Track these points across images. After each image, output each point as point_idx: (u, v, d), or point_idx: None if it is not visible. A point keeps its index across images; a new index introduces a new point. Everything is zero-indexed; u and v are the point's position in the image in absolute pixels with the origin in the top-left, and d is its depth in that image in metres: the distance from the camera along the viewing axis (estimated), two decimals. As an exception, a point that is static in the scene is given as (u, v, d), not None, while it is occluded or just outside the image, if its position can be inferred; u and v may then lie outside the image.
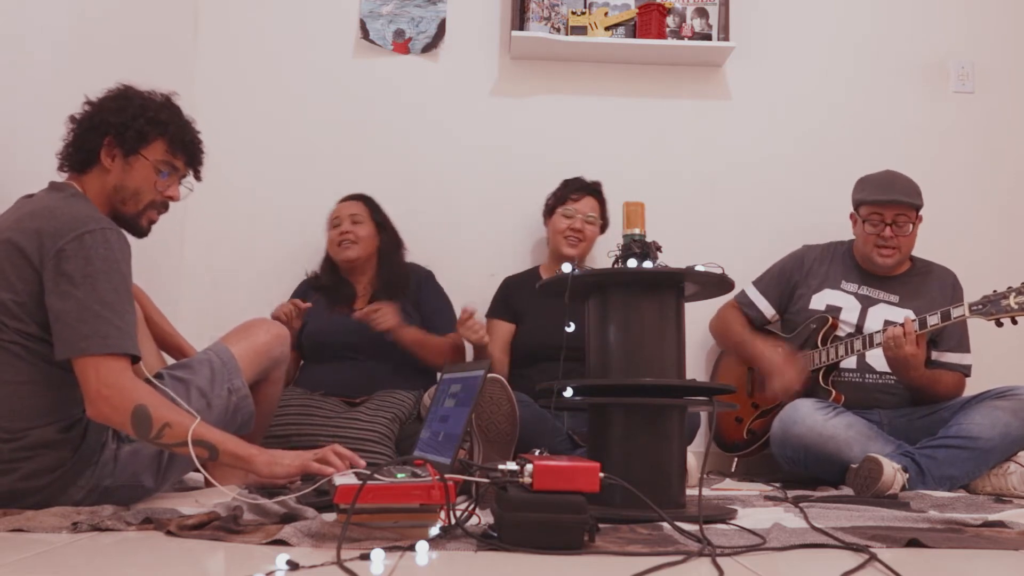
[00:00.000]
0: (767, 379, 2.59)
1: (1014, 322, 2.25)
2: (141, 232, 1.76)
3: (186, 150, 1.77)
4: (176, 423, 1.51)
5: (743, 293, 2.81)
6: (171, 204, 1.79)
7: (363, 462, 1.61)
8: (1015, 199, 3.12)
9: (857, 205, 2.64)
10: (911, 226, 2.57)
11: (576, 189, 2.79)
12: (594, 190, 2.82)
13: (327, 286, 2.75)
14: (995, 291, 2.27)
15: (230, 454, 1.54)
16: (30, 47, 2.06)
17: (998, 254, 3.02)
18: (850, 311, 2.62)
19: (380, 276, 2.75)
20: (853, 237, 2.74)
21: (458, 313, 2.71)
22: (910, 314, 2.50)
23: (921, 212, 2.61)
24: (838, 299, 2.65)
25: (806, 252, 2.81)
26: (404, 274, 2.76)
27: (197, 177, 1.82)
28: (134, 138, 1.69)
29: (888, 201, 2.55)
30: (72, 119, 1.72)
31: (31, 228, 1.54)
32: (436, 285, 2.82)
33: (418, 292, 2.77)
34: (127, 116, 1.68)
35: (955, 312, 2.30)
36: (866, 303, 2.62)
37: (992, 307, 2.25)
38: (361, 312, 2.51)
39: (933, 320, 2.33)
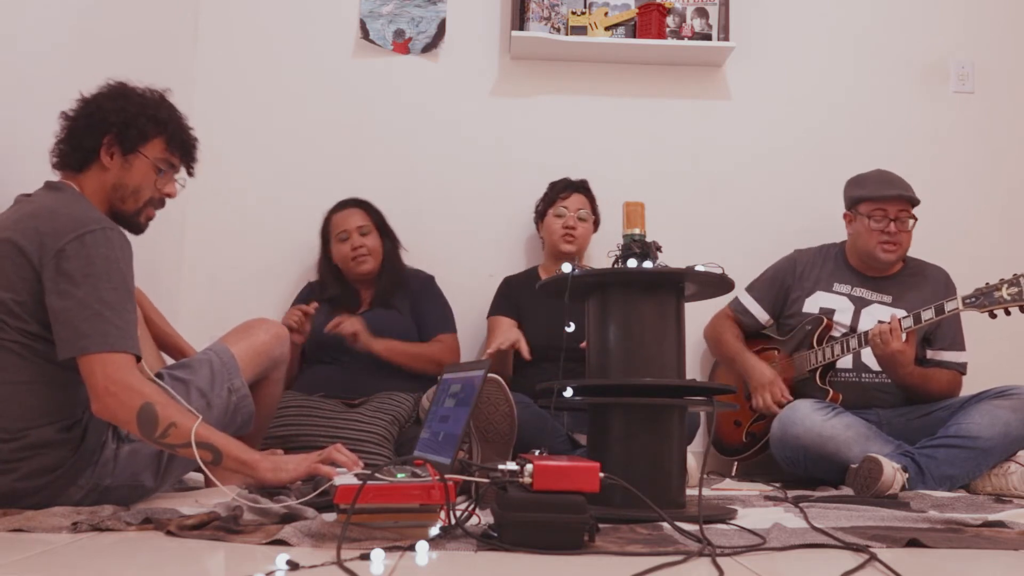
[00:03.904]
0: (752, 393, 2.63)
1: (1008, 313, 2.25)
2: (139, 229, 1.76)
3: (183, 148, 1.78)
4: (182, 424, 1.51)
5: (736, 300, 2.81)
6: (169, 203, 1.80)
7: (361, 463, 1.61)
8: (1015, 199, 3.12)
9: (856, 202, 2.64)
10: (912, 222, 2.59)
11: (563, 188, 2.82)
12: (581, 187, 2.84)
13: (333, 295, 2.74)
14: (987, 283, 2.28)
15: (234, 459, 1.54)
16: (29, 46, 2.06)
17: (998, 254, 3.02)
18: (843, 312, 2.62)
19: (383, 281, 2.74)
20: (845, 239, 2.76)
21: (458, 315, 2.74)
22: (904, 314, 2.50)
23: (915, 212, 2.63)
24: (831, 301, 2.66)
25: (798, 256, 2.82)
26: (405, 277, 2.77)
27: (190, 173, 1.83)
28: (135, 137, 1.69)
29: (892, 196, 2.58)
30: (66, 116, 1.71)
31: (31, 227, 1.54)
32: (436, 289, 2.82)
33: (418, 295, 2.77)
34: (128, 115, 1.68)
35: (948, 305, 2.30)
36: (859, 304, 2.63)
37: (985, 299, 2.26)
38: (329, 327, 2.52)
39: (927, 314, 2.33)
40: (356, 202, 2.79)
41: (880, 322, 2.51)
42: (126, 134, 1.68)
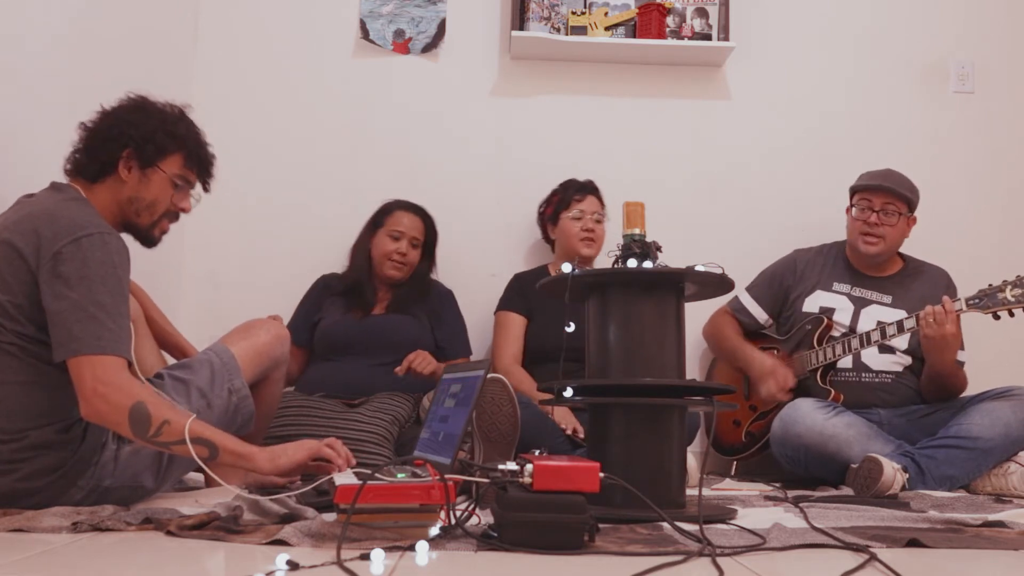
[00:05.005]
0: (756, 384, 2.62)
1: (1011, 314, 2.25)
2: (153, 242, 1.78)
3: (200, 164, 1.79)
4: (175, 420, 1.50)
5: (736, 299, 2.81)
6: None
7: (355, 461, 1.62)
8: (1015, 199, 3.12)
9: (851, 194, 2.67)
10: (898, 217, 2.58)
11: (578, 190, 2.81)
12: (593, 188, 2.84)
13: (349, 288, 2.73)
14: (990, 285, 2.28)
15: (230, 452, 1.54)
16: (29, 46, 2.06)
17: (998, 254, 3.02)
18: (843, 312, 2.62)
19: (405, 289, 2.74)
20: (845, 237, 2.75)
21: (472, 335, 2.76)
22: (903, 315, 2.50)
23: (915, 214, 2.63)
24: (831, 300, 2.66)
25: (797, 256, 2.82)
26: (425, 290, 2.77)
27: (206, 189, 1.84)
28: (153, 152, 1.70)
29: (877, 187, 2.59)
30: (84, 127, 1.71)
31: (29, 229, 1.54)
32: (456, 308, 2.83)
33: (438, 309, 2.78)
34: (147, 129, 1.69)
35: (955, 307, 2.30)
36: (859, 304, 2.63)
37: (988, 301, 2.27)
38: (402, 368, 2.50)
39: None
40: (422, 212, 2.78)
41: (880, 323, 2.51)
42: (145, 149, 1.69)
